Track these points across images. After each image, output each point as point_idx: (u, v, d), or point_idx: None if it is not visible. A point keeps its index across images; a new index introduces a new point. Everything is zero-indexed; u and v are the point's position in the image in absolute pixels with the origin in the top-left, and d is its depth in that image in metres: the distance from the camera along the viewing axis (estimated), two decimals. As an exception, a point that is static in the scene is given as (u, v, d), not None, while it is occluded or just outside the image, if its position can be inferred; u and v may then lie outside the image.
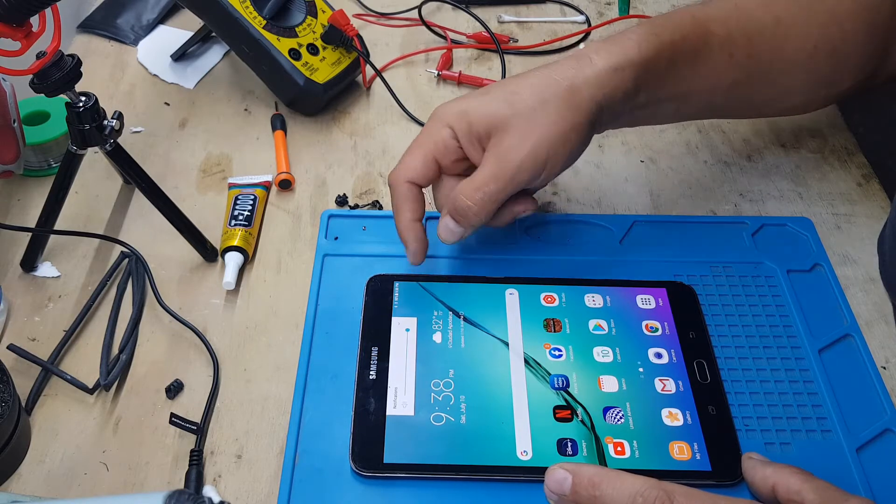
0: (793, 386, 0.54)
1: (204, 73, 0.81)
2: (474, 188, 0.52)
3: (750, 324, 0.58)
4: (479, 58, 0.83)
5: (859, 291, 0.61)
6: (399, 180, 0.55)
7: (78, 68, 0.53)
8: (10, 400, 0.50)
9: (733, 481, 0.49)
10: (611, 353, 0.55)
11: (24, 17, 0.50)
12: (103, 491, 0.50)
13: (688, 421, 0.52)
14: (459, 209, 0.53)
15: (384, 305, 0.58)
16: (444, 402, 0.52)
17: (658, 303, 0.58)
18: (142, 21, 0.86)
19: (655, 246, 0.63)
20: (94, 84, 0.79)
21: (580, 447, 0.50)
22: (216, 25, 0.73)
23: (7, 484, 0.50)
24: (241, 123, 0.75)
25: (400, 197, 0.55)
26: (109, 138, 0.57)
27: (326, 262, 0.62)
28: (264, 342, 0.58)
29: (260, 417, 0.54)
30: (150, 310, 0.60)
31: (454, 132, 0.54)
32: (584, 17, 0.88)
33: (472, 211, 0.53)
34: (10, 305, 0.60)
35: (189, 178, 0.70)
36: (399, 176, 0.55)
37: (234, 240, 0.62)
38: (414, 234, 0.55)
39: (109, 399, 0.55)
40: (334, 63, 0.74)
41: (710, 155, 0.72)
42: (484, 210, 0.53)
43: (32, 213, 0.64)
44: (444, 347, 0.55)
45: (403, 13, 0.87)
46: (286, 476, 0.50)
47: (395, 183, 0.55)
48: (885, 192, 0.68)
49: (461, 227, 0.54)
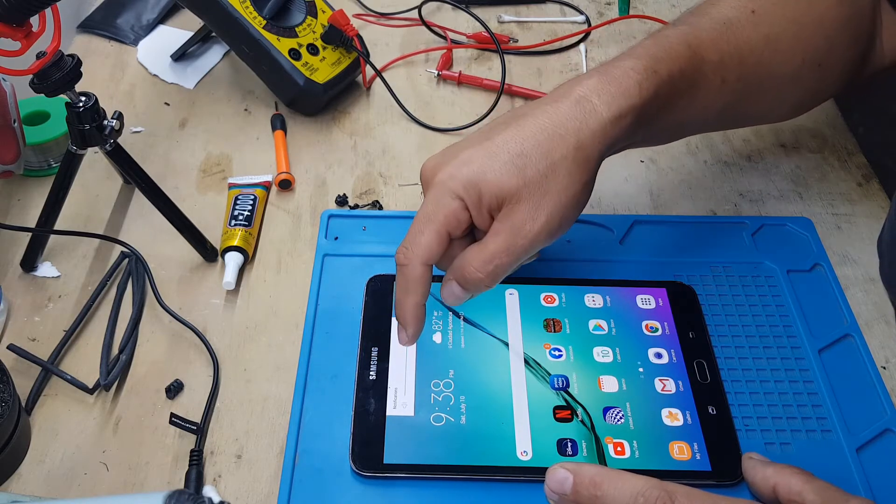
0: (793, 386, 0.54)
1: (204, 73, 0.81)
2: (485, 260, 0.49)
3: (750, 324, 0.58)
4: (479, 58, 0.83)
5: (859, 291, 0.61)
6: (415, 262, 0.49)
7: (78, 68, 0.53)
8: (10, 400, 0.50)
9: (733, 481, 0.49)
10: (611, 353, 0.55)
11: (24, 17, 0.50)
12: (103, 491, 0.50)
13: (688, 421, 0.52)
14: (469, 280, 0.49)
15: (384, 305, 0.58)
16: (444, 402, 0.52)
17: (658, 303, 0.58)
18: (142, 21, 0.86)
19: (655, 246, 0.63)
20: (94, 84, 0.79)
21: (580, 447, 0.50)
22: (216, 25, 0.73)
23: (7, 484, 0.50)
24: (241, 123, 0.75)
25: (414, 280, 0.49)
26: (109, 138, 0.57)
27: (326, 262, 0.62)
28: (264, 342, 0.58)
29: (260, 417, 0.54)
30: (150, 310, 0.60)
31: (465, 204, 0.49)
32: (584, 17, 0.88)
33: (482, 283, 0.49)
34: (10, 305, 0.60)
35: (189, 178, 0.70)
36: (415, 257, 0.49)
37: (234, 240, 0.62)
38: (417, 319, 0.50)
39: (109, 399, 0.55)
40: (334, 63, 0.74)
41: (710, 155, 0.72)
42: (494, 281, 0.50)
43: (32, 213, 0.64)
44: (444, 348, 0.55)
45: (403, 13, 0.87)
46: (286, 476, 0.50)
47: (411, 264, 0.49)
48: (884, 192, 0.68)
49: (467, 293, 0.51)
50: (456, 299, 0.51)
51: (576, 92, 0.50)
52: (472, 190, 0.49)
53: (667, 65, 0.52)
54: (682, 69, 0.52)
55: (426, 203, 0.50)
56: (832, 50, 0.58)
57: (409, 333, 0.51)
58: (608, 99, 0.50)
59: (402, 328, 0.51)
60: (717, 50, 0.55)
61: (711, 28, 0.55)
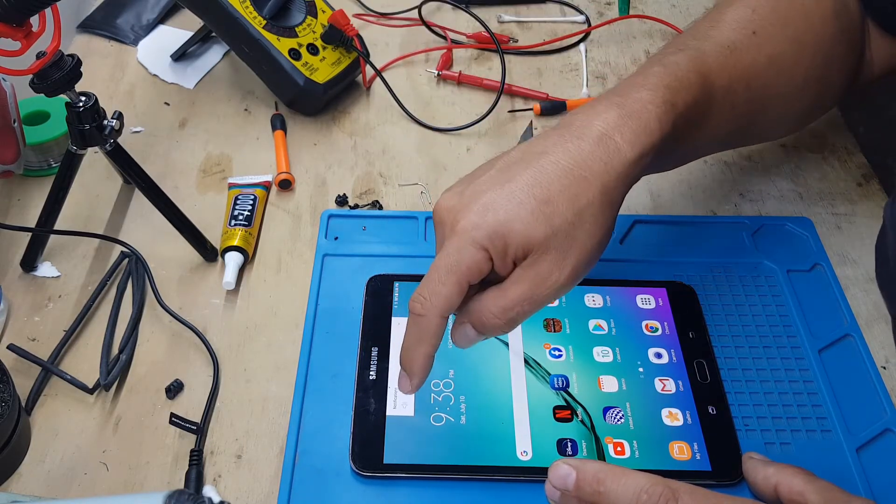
0: (793, 386, 0.54)
1: (204, 73, 0.81)
2: (505, 307, 0.46)
3: (750, 324, 0.58)
4: (479, 58, 0.83)
5: (859, 291, 0.61)
6: (433, 314, 0.46)
7: (78, 68, 0.53)
8: (10, 400, 0.50)
9: (733, 481, 0.49)
10: (611, 353, 0.55)
11: (24, 17, 0.50)
12: (103, 491, 0.50)
13: (688, 421, 0.52)
14: (486, 325, 0.47)
15: (384, 305, 0.58)
16: (444, 402, 0.52)
17: (658, 303, 0.58)
18: (142, 21, 0.86)
19: (655, 246, 0.63)
20: (94, 84, 0.79)
21: (580, 447, 0.50)
22: (216, 25, 0.73)
23: (7, 484, 0.50)
24: (241, 123, 0.75)
25: (429, 332, 0.46)
26: (109, 138, 0.57)
27: (326, 262, 0.62)
28: (264, 342, 0.58)
29: (260, 417, 0.54)
30: (150, 310, 0.60)
31: (489, 255, 0.46)
32: (584, 17, 0.88)
33: (500, 328, 0.47)
34: (10, 305, 0.60)
35: (189, 178, 0.70)
36: (434, 309, 0.46)
37: (234, 240, 0.62)
38: (425, 370, 0.48)
39: (109, 399, 0.55)
40: (334, 63, 0.74)
41: (710, 155, 0.72)
42: (512, 327, 0.48)
43: (32, 213, 0.64)
44: (444, 348, 0.55)
45: (403, 13, 0.87)
46: (286, 476, 0.50)
47: (427, 315, 0.46)
48: (884, 192, 0.68)
49: (482, 336, 0.48)
50: (468, 342, 0.48)
51: (595, 128, 0.48)
52: (497, 241, 0.46)
53: (682, 96, 0.50)
54: (695, 99, 0.51)
55: (448, 252, 0.46)
56: (830, 64, 0.58)
57: (413, 384, 0.48)
58: (631, 137, 0.48)
59: (407, 377, 0.48)
60: (726, 76, 0.54)
61: (717, 53, 0.54)
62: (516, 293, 0.46)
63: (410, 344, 0.47)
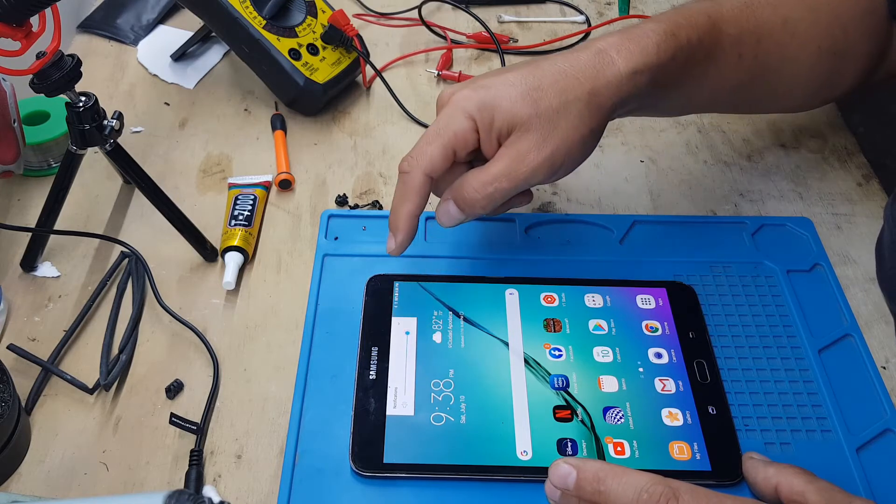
0: (793, 386, 0.54)
1: (204, 73, 0.81)
2: (485, 182, 0.51)
3: (750, 324, 0.58)
4: (479, 58, 0.83)
5: (859, 291, 0.61)
6: (417, 171, 0.52)
7: (78, 68, 0.53)
8: (10, 400, 0.50)
9: (733, 481, 0.49)
10: (611, 353, 0.55)
11: (24, 17, 0.50)
12: (103, 491, 0.50)
13: (688, 421, 0.52)
14: (466, 199, 0.52)
15: (384, 305, 0.58)
16: (444, 402, 0.52)
17: (658, 303, 0.58)
18: (142, 21, 0.86)
19: (655, 246, 0.63)
20: (94, 84, 0.79)
21: (580, 447, 0.50)
22: (216, 25, 0.73)
23: (7, 484, 0.50)
24: (241, 123, 0.75)
25: (413, 188, 0.52)
26: (109, 138, 0.57)
27: (326, 262, 0.62)
28: (264, 342, 0.58)
29: (260, 417, 0.54)
30: (150, 310, 0.60)
31: (476, 126, 0.51)
32: (584, 17, 0.88)
33: (478, 204, 0.52)
34: (10, 305, 0.60)
35: (189, 178, 0.70)
36: (418, 167, 0.52)
37: (234, 240, 0.62)
38: (408, 228, 0.53)
39: (109, 399, 0.55)
40: (334, 63, 0.74)
41: (710, 155, 0.72)
42: (490, 204, 0.52)
43: (32, 213, 0.64)
44: (444, 347, 0.55)
45: (403, 13, 0.87)
46: (286, 476, 0.50)
47: (412, 172, 0.52)
48: (884, 192, 0.68)
49: (463, 214, 0.53)
50: (450, 219, 0.53)
51: (596, 45, 0.53)
52: (485, 112, 0.51)
53: (686, 31, 0.54)
54: (700, 37, 0.54)
55: (438, 119, 0.52)
56: (848, 40, 0.59)
57: (398, 240, 0.53)
58: (627, 55, 0.52)
59: (392, 234, 0.53)
60: (737, 26, 0.56)
61: (732, 6, 0.57)
62: (496, 168, 0.51)
63: (396, 202, 0.53)
